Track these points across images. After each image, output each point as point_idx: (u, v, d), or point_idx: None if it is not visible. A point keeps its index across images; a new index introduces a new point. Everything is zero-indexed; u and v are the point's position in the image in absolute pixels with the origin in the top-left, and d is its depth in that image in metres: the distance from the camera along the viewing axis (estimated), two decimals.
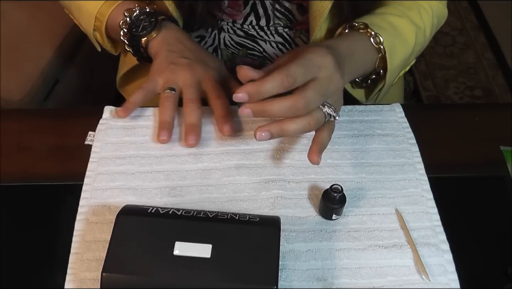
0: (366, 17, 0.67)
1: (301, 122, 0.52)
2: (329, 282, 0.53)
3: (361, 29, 0.64)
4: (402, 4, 0.70)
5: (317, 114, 0.53)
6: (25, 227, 0.58)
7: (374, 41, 0.63)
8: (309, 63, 0.52)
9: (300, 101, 0.50)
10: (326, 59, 0.53)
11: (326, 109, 0.53)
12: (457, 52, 1.97)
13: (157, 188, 0.60)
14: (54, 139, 0.66)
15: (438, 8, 0.74)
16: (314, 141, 0.55)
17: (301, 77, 0.51)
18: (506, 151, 0.66)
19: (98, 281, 0.47)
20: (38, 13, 1.22)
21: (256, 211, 0.58)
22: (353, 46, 0.61)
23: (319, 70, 0.52)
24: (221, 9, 0.75)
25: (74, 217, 0.57)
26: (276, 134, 0.52)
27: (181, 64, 0.66)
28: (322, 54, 0.53)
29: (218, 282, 0.47)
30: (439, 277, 0.54)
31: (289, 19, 0.76)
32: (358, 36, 0.63)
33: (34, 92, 1.13)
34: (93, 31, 0.74)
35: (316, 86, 0.51)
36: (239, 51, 0.83)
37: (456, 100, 1.81)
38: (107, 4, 0.72)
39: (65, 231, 0.56)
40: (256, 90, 0.49)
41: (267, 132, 0.51)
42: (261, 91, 0.49)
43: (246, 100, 0.50)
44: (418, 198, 0.60)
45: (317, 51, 0.53)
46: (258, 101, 0.50)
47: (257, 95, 0.50)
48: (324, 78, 0.52)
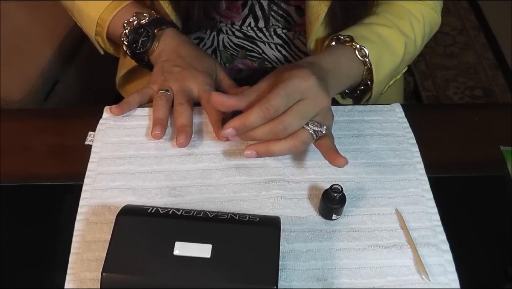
0: (353, 28, 0.67)
1: (286, 145, 0.54)
2: (329, 282, 0.53)
3: (346, 42, 0.64)
4: (393, 13, 0.70)
5: (302, 136, 0.55)
6: (25, 227, 0.58)
7: (360, 54, 0.63)
8: (291, 91, 0.53)
9: (277, 126, 0.53)
10: (308, 82, 0.54)
11: (311, 128, 0.55)
12: (457, 52, 1.97)
13: (157, 188, 0.60)
14: (54, 139, 0.66)
15: (430, 16, 0.73)
16: (323, 153, 0.57)
17: (283, 107, 0.53)
18: (506, 151, 0.66)
19: (98, 281, 0.47)
20: (38, 13, 1.22)
21: (256, 211, 0.58)
22: (337, 60, 0.62)
23: (302, 94, 0.54)
24: (219, 11, 0.75)
25: (74, 217, 0.57)
26: (263, 154, 0.55)
27: (173, 72, 0.68)
28: (304, 78, 0.54)
29: (218, 282, 0.47)
30: (439, 277, 0.54)
31: (287, 21, 0.76)
32: (343, 50, 0.64)
33: (34, 92, 1.13)
34: (95, 36, 0.75)
35: (295, 111, 0.53)
36: (238, 52, 0.83)
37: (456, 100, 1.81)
38: (108, 9, 0.72)
39: (65, 231, 0.56)
40: (242, 125, 0.53)
41: (253, 152, 0.55)
42: (246, 125, 0.53)
43: (234, 135, 0.54)
44: (418, 198, 0.60)
45: (299, 75, 0.54)
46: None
47: (243, 130, 0.54)
48: (307, 100, 0.54)
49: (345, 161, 0.55)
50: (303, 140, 0.55)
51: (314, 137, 0.56)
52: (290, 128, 0.54)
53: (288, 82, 0.53)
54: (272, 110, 0.52)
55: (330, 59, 0.61)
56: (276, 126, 0.53)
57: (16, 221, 0.59)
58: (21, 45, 1.17)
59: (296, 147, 0.55)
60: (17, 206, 0.60)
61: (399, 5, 0.71)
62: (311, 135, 0.55)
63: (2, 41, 1.14)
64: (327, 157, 0.56)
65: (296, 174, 0.62)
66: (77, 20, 0.77)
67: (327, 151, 0.57)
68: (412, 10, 0.71)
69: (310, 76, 0.54)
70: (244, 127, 0.54)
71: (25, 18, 1.21)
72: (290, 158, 0.63)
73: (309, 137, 0.55)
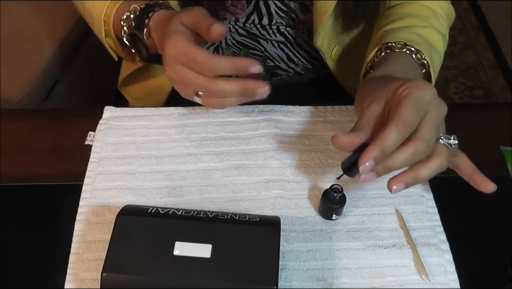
0: (395, 34, 0.65)
1: (435, 166, 0.50)
2: (329, 282, 0.53)
3: (399, 48, 0.62)
4: (419, 13, 0.69)
5: (444, 151, 0.50)
6: (25, 227, 0.58)
7: (416, 58, 0.62)
8: (420, 103, 0.49)
9: (421, 144, 0.48)
10: (431, 92, 0.50)
11: (445, 141, 0.51)
12: (457, 52, 1.97)
13: (157, 188, 0.60)
14: (54, 139, 0.66)
15: (448, 9, 0.74)
16: (465, 176, 0.53)
17: (415, 123, 0.48)
18: (506, 151, 0.66)
19: (98, 281, 0.47)
20: (38, 13, 1.22)
21: (256, 211, 0.58)
22: (404, 68, 0.60)
23: (428, 106, 0.49)
24: (224, 7, 0.75)
25: (74, 217, 0.57)
26: (412, 183, 0.50)
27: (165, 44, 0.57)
28: (425, 88, 0.50)
29: (218, 282, 0.47)
30: (439, 277, 0.54)
31: (292, 18, 0.76)
32: (403, 57, 0.62)
33: (34, 92, 1.13)
34: (105, 37, 0.71)
35: (429, 124, 0.49)
36: (240, 50, 0.83)
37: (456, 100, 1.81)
38: (111, 5, 0.68)
39: (65, 231, 0.56)
40: (381, 152, 0.47)
41: (402, 184, 0.49)
42: (385, 150, 0.47)
43: (373, 166, 0.47)
44: (418, 198, 0.60)
45: (419, 86, 0.50)
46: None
47: (382, 156, 0.47)
48: (433, 112, 0.50)
49: (494, 186, 0.51)
50: (446, 155, 0.50)
51: (449, 149, 0.52)
52: (431, 143, 0.49)
53: (412, 95, 0.49)
54: (408, 126, 0.47)
55: (398, 69, 0.59)
56: (419, 145, 0.47)
57: (16, 221, 0.59)
58: (21, 45, 1.17)
59: (443, 165, 0.50)
60: (17, 206, 0.60)
61: (420, 4, 0.71)
62: (447, 148, 0.51)
63: (2, 41, 1.14)
64: (471, 181, 0.52)
65: (296, 174, 0.62)
66: (89, 23, 0.74)
67: (470, 174, 0.53)
68: (432, 7, 0.71)
69: (429, 86, 0.50)
70: (383, 153, 0.47)
71: (25, 18, 1.21)
72: (290, 158, 0.63)
73: (447, 151, 0.51)
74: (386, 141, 0.46)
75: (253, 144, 0.64)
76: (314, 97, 0.87)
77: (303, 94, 0.87)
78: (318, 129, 0.66)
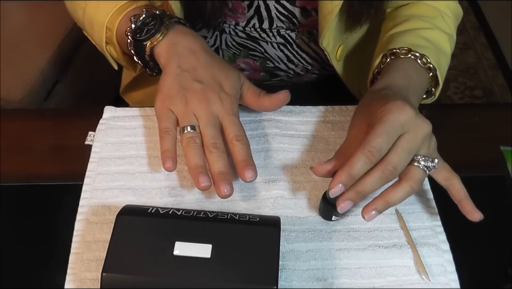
0: (399, 39, 0.65)
1: (404, 189, 0.50)
2: (329, 282, 0.53)
3: (404, 54, 0.62)
4: (425, 15, 0.69)
5: (415, 175, 0.51)
6: (25, 227, 0.58)
7: (422, 62, 0.62)
8: (391, 127, 0.50)
9: (386, 167, 0.49)
10: (404, 114, 0.50)
11: (423, 164, 0.51)
12: (457, 52, 1.97)
13: (157, 188, 0.60)
14: (54, 139, 0.66)
15: (456, 8, 0.73)
16: (455, 200, 0.54)
17: (386, 147, 0.49)
18: (506, 151, 0.66)
19: (98, 281, 0.47)
20: (38, 13, 1.22)
21: (256, 211, 0.58)
22: (408, 75, 0.60)
23: (402, 128, 0.50)
24: (225, 11, 0.75)
25: (74, 217, 0.57)
26: (383, 209, 0.51)
27: (195, 91, 0.58)
28: (399, 110, 0.50)
29: (218, 282, 0.47)
30: (439, 277, 0.54)
31: (292, 22, 0.76)
32: (407, 63, 0.61)
33: (34, 92, 1.13)
34: (106, 44, 0.68)
35: (399, 147, 0.50)
36: (240, 51, 0.83)
37: (456, 100, 1.81)
38: (117, 12, 0.66)
39: (65, 231, 0.56)
40: (347, 176, 0.49)
41: (374, 211, 0.50)
42: (352, 175, 0.49)
43: (342, 191, 0.50)
44: (418, 198, 0.60)
45: (393, 109, 0.50)
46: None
47: (350, 181, 0.49)
48: (408, 134, 0.50)
49: (480, 216, 0.52)
50: (419, 179, 0.51)
51: (426, 172, 0.52)
52: (399, 167, 0.50)
53: (384, 119, 0.50)
54: (375, 151, 0.48)
55: (401, 77, 0.59)
56: (385, 168, 0.49)
57: (16, 221, 0.59)
58: (21, 45, 1.17)
59: (414, 188, 0.51)
60: (17, 206, 0.60)
61: (426, 4, 0.71)
62: (423, 171, 0.51)
63: (2, 41, 1.14)
64: (460, 207, 0.54)
65: (296, 174, 0.62)
66: (88, 32, 0.72)
67: (460, 200, 0.54)
68: (439, 7, 0.71)
69: (404, 107, 0.50)
70: (350, 178, 0.49)
71: (25, 18, 1.21)
72: (290, 158, 0.63)
73: (423, 174, 0.51)
74: (352, 167, 0.49)
75: (253, 144, 0.64)
76: (314, 98, 0.87)
77: (303, 95, 0.87)
78: (318, 129, 0.66)
